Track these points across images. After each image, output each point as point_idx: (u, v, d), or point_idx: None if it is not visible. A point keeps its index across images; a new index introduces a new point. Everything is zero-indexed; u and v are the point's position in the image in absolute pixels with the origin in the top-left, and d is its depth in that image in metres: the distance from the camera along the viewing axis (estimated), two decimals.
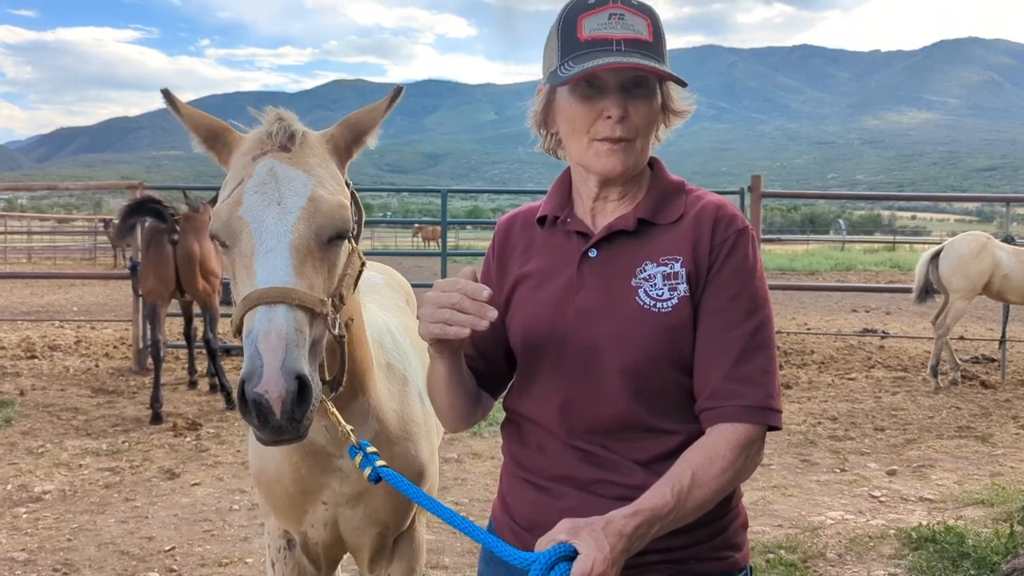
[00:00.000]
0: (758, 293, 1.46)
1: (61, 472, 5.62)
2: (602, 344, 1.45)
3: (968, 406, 7.88)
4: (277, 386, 1.38)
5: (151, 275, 7.23)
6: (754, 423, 1.39)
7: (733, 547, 1.52)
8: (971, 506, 5.12)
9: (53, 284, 19.02)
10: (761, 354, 1.43)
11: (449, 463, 5.89)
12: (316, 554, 2.18)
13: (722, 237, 1.46)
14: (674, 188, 1.56)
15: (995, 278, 8.45)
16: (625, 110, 1.44)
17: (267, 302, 1.46)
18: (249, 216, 1.56)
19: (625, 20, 1.43)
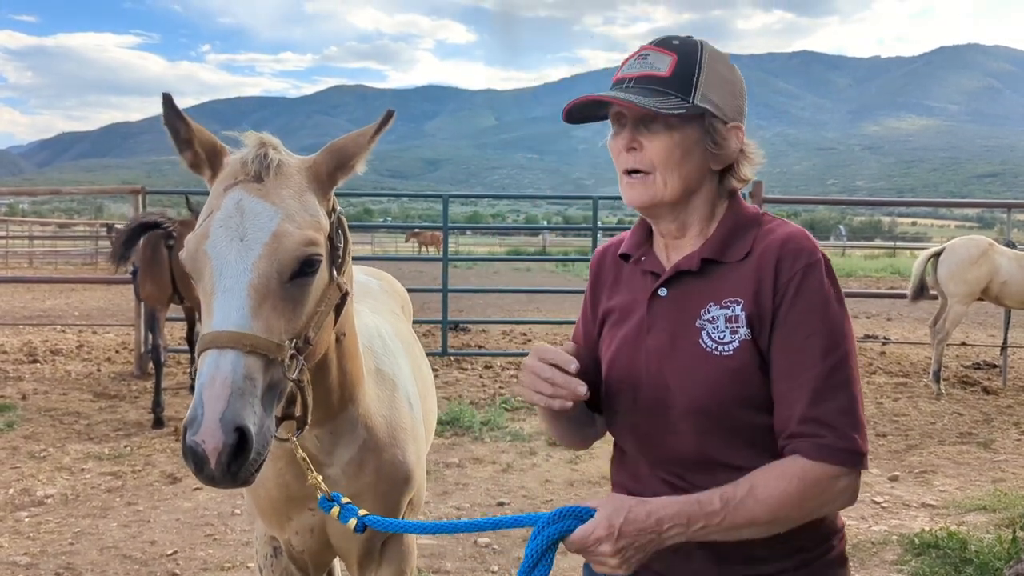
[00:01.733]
0: (834, 329, 1.42)
1: (63, 476, 5.62)
2: (671, 384, 1.48)
3: (970, 412, 7.88)
4: (214, 438, 1.36)
5: (148, 280, 7.24)
6: (832, 463, 1.37)
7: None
8: (973, 512, 5.12)
9: (55, 289, 19.03)
10: (840, 394, 1.39)
11: (451, 468, 5.89)
12: (303, 561, 2.18)
13: (787, 276, 1.43)
14: (747, 222, 1.53)
15: (994, 284, 8.44)
16: (636, 141, 1.48)
17: (218, 346, 1.43)
18: (212, 251, 1.53)
19: (648, 59, 1.50)
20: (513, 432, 6.80)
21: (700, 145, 1.49)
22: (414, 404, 2.24)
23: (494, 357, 10.25)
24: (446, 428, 6.82)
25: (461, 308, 15.63)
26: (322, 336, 1.69)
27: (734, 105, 1.51)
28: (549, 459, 6.18)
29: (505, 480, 5.70)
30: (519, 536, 4.68)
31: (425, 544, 4.55)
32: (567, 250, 35.74)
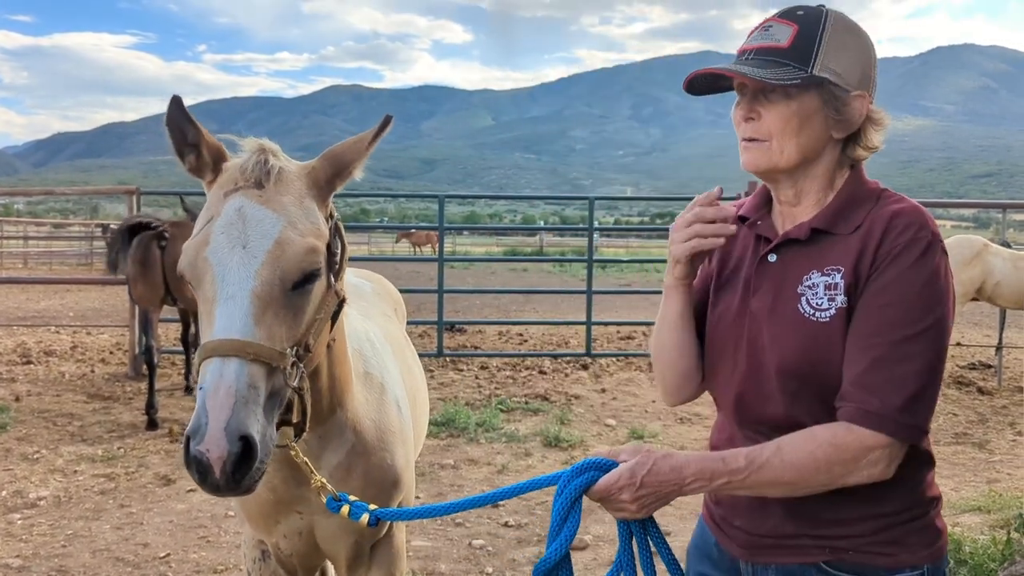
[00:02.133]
0: (919, 303, 1.40)
1: (56, 478, 5.59)
2: (767, 346, 1.52)
3: (965, 412, 7.88)
4: (219, 447, 1.36)
5: (140, 282, 7.22)
6: (872, 429, 1.38)
7: (903, 545, 1.49)
8: (968, 513, 5.12)
9: (49, 289, 18.97)
10: (903, 365, 1.39)
11: (446, 469, 5.88)
12: (291, 564, 2.17)
13: (889, 246, 1.43)
14: (865, 195, 1.53)
15: (987, 284, 8.45)
16: (754, 111, 1.52)
17: (221, 354, 1.43)
18: (214, 258, 1.52)
19: (770, 31, 1.52)
20: (508, 433, 6.79)
21: (820, 113, 1.50)
22: (403, 407, 2.23)
23: (490, 358, 10.24)
24: (441, 429, 6.81)
25: (458, 309, 15.61)
26: (320, 343, 1.69)
27: (859, 73, 1.51)
28: (544, 460, 6.17)
29: (500, 481, 5.68)
30: (513, 538, 4.68)
31: (420, 546, 4.54)
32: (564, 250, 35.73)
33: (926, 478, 1.55)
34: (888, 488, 1.47)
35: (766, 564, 1.57)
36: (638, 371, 9.60)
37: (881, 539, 1.49)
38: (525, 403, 7.91)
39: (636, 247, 40.81)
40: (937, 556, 1.53)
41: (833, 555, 1.50)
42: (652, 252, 32.15)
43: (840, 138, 1.53)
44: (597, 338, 11.67)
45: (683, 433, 7.06)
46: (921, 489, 1.54)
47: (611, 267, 26.33)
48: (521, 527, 4.82)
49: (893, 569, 1.49)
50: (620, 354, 10.59)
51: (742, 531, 1.60)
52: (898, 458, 1.43)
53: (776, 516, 1.54)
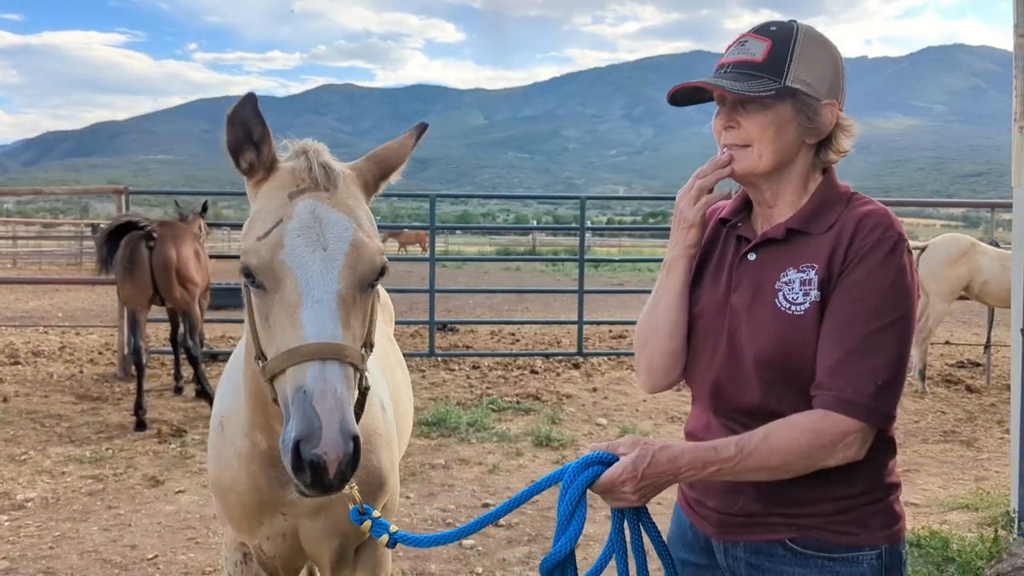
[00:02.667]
0: (887, 299, 1.51)
1: (44, 479, 5.56)
2: (745, 339, 1.63)
3: (953, 411, 7.92)
4: (336, 449, 1.38)
5: (128, 282, 7.16)
6: (848, 415, 1.50)
7: (862, 525, 1.60)
8: (956, 511, 5.14)
9: (38, 289, 18.86)
10: (873, 356, 1.50)
11: (436, 469, 5.87)
12: (274, 567, 2.15)
13: (859, 244, 1.55)
14: (836, 198, 1.65)
15: (975, 283, 8.50)
16: (734, 120, 1.63)
17: (321, 358, 1.45)
18: (293, 261, 1.52)
19: (746, 46, 1.64)
20: (499, 433, 6.79)
21: (794, 121, 1.61)
22: (387, 408, 2.22)
23: (481, 357, 10.23)
24: (432, 429, 6.80)
25: (450, 308, 15.60)
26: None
27: (829, 83, 1.63)
28: (535, 460, 6.17)
29: (491, 481, 5.68)
30: (504, 538, 4.67)
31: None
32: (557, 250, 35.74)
33: (888, 464, 1.65)
34: (853, 471, 1.57)
35: (736, 542, 1.68)
36: (629, 370, 9.60)
37: (843, 519, 1.60)
38: (516, 403, 7.90)
39: (628, 246, 40.85)
40: (895, 539, 1.63)
41: (798, 532, 1.61)
42: (644, 251, 32.17)
43: (812, 144, 1.65)
44: (589, 337, 11.68)
45: (673, 432, 7.07)
46: (883, 474, 1.64)
47: (603, 266, 26.33)
48: (511, 527, 4.81)
49: (853, 547, 1.60)
50: (612, 353, 10.60)
51: (715, 512, 1.71)
52: (868, 441, 1.54)
53: (746, 496, 1.64)
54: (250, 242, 1.57)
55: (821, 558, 1.60)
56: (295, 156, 1.67)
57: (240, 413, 1.97)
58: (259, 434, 1.91)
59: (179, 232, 7.49)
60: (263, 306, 1.56)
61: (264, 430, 1.90)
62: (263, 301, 1.56)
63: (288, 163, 1.66)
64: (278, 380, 1.51)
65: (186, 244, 7.46)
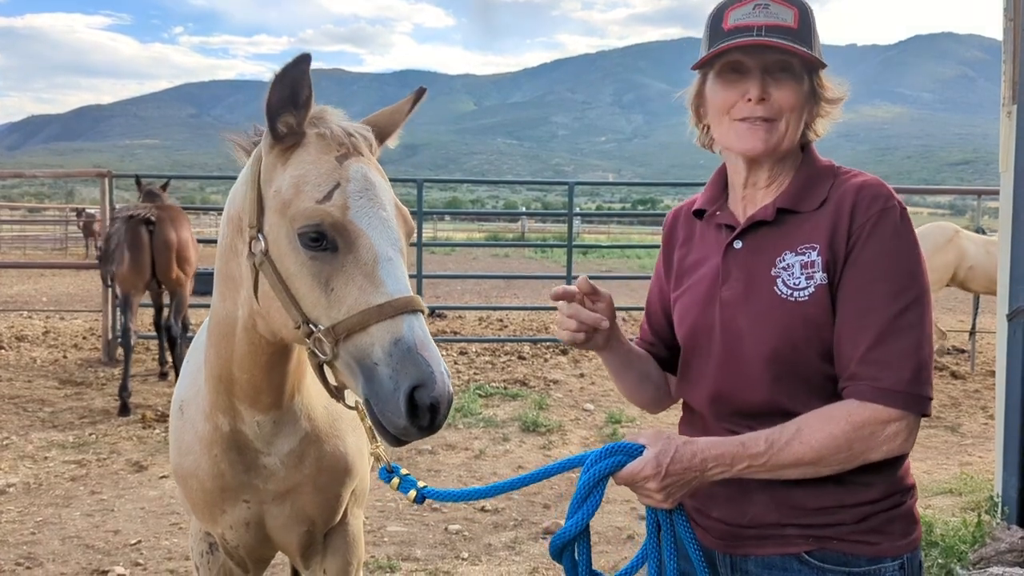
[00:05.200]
0: (905, 272, 1.43)
1: (26, 465, 5.51)
2: (745, 333, 1.51)
3: (938, 396, 7.97)
4: (447, 390, 1.46)
5: (128, 264, 7.14)
6: (886, 405, 1.39)
7: (885, 534, 1.49)
8: (940, 495, 5.17)
9: (23, 274, 18.69)
10: (904, 337, 1.40)
11: (423, 454, 5.86)
12: (239, 556, 2.11)
13: (862, 219, 1.45)
14: (821, 173, 1.56)
15: (960, 269, 8.55)
16: (766, 92, 1.49)
17: (411, 310, 1.50)
18: (363, 222, 1.56)
19: (770, 9, 1.50)
20: (486, 419, 6.78)
21: (810, 97, 1.54)
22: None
23: (469, 343, 10.21)
24: None
25: (438, 294, 15.56)
26: None
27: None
28: (522, 445, 6.17)
29: (478, 466, 5.67)
30: (489, 523, 4.67)
31: (395, 531, 4.52)
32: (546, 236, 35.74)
33: (905, 463, 1.54)
34: (871, 475, 1.46)
35: (745, 555, 1.54)
36: None
37: (864, 527, 1.48)
38: (504, 388, 7.89)
39: (617, 233, 40.84)
40: (914, 546, 1.52)
41: (816, 544, 1.48)
42: (633, 238, 32.17)
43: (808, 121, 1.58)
44: None
45: (660, 418, 7.08)
46: (900, 476, 1.53)
47: (592, 253, 26.31)
48: (498, 512, 4.81)
49: (875, 559, 1.48)
50: None
51: (720, 522, 1.57)
52: (916, 430, 1.43)
53: (758, 506, 1.50)
54: (309, 205, 1.55)
55: (840, 572, 1.47)
56: (312, 122, 1.66)
57: (200, 395, 1.93)
58: (221, 416, 1.87)
59: (176, 214, 7.53)
60: (323, 269, 1.54)
61: (227, 412, 1.86)
62: (325, 264, 1.54)
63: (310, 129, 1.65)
64: (355, 338, 1.49)
65: (184, 226, 7.52)
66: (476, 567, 4.14)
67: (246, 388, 1.82)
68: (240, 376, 1.80)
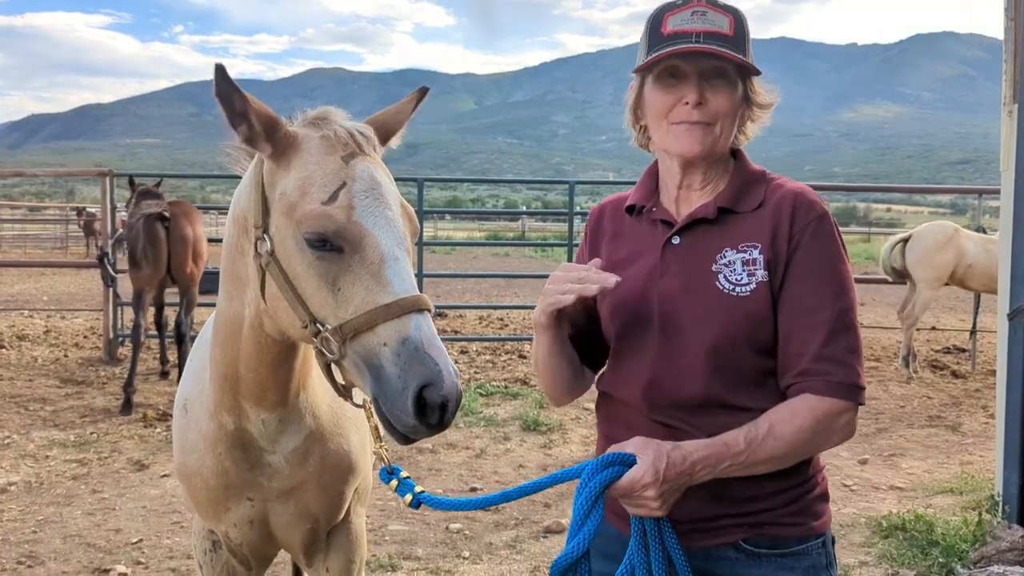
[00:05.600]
0: (843, 277, 1.54)
1: (27, 463, 5.52)
2: (685, 326, 1.56)
3: (939, 396, 7.97)
4: (456, 389, 1.46)
5: (145, 261, 7.18)
6: (840, 398, 1.49)
7: (808, 514, 1.60)
8: (941, 494, 5.18)
9: (23, 273, 18.69)
10: (848, 335, 1.51)
11: (424, 453, 5.86)
12: (243, 554, 2.12)
13: (802, 224, 1.54)
14: (755, 177, 1.64)
15: (959, 267, 8.57)
16: (703, 96, 1.55)
17: (418, 309, 1.50)
18: (368, 222, 1.56)
19: (707, 16, 1.56)
20: (487, 418, 6.78)
21: (743, 102, 1.62)
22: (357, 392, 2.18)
23: (470, 342, 10.22)
24: None
25: (439, 293, 15.56)
26: None
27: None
28: (523, 444, 6.17)
29: (479, 465, 5.68)
30: (490, 522, 4.67)
31: (397, 530, 4.52)
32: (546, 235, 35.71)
33: None
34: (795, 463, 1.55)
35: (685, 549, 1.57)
36: None
37: (794, 509, 1.58)
38: (504, 387, 7.90)
39: None
40: (829, 522, 1.65)
41: (751, 531, 1.56)
42: None
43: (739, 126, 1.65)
44: None
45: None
46: (816, 459, 1.63)
47: None
48: (498, 511, 4.81)
49: (804, 539, 1.58)
50: None
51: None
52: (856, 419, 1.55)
53: (695, 501, 1.54)
54: (315, 207, 1.55)
55: (774, 555, 1.56)
56: (316, 123, 1.66)
57: (205, 394, 1.93)
58: (225, 415, 1.87)
59: (190, 210, 7.57)
60: (330, 269, 1.55)
61: (231, 410, 1.86)
62: (332, 264, 1.55)
63: (312, 131, 1.65)
64: (362, 338, 1.50)
65: (197, 222, 7.59)
66: (477, 566, 4.14)
67: (252, 386, 1.82)
68: (246, 375, 1.81)
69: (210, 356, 1.90)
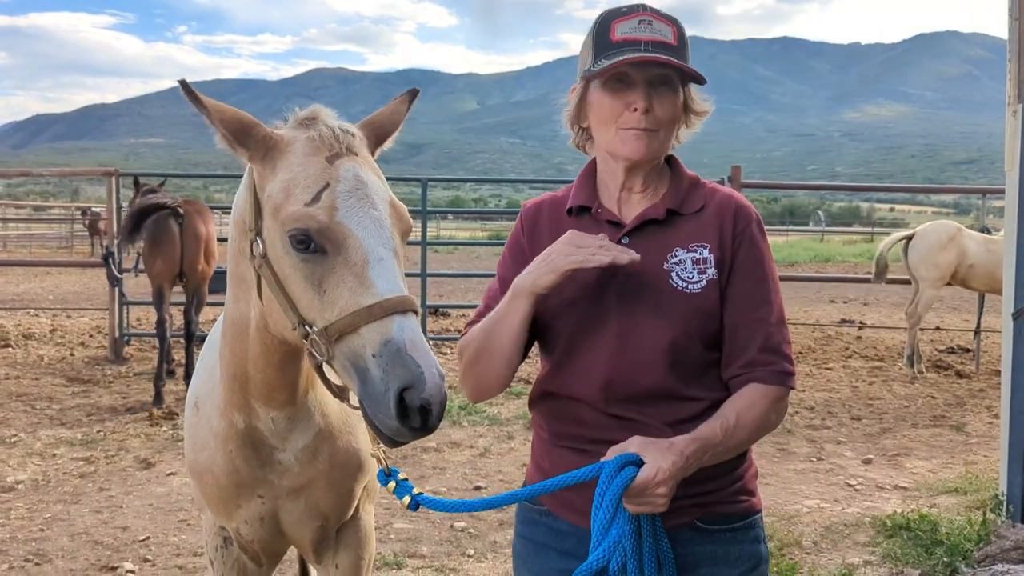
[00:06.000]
0: (775, 276, 1.69)
1: (34, 462, 5.54)
2: (641, 322, 1.62)
3: (943, 395, 7.97)
4: (439, 391, 1.44)
5: (159, 258, 7.23)
6: (781, 385, 1.63)
7: (749, 493, 1.72)
8: (945, 494, 5.18)
9: (29, 272, 18.75)
10: (784, 328, 1.67)
11: (428, 452, 5.88)
12: (254, 551, 2.13)
13: (743, 226, 1.66)
14: (692, 182, 1.74)
15: (961, 267, 8.57)
16: (650, 103, 1.61)
17: (402, 311, 1.49)
18: (352, 222, 1.55)
19: (653, 26, 1.62)
20: (491, 416, 6.80)
21: (683, 110, 1.69)
22: None
23: None
24: None
25: (442, 292, 15.58)
26: None
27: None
28: (527, 443, 6.18)
29: (483, 464, 5.69)
30: (495, 520, 4.69)
31: (401, 528, 4.54)
32: None
33: None
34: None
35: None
36: None
37: (739, 488, 1.69)
38: (509, 386, 7.90)
39: None
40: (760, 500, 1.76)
41: (704, 511, 1.65)
42: None
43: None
44: None
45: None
46: None
47: None
48: (503, 509, 4.82)
49: (749, 513, 1.71)
50: None
51: None
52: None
53: None
54: (298, 208, 1.55)
55: (725, 531, 1.66)
56: (305, 123, 1.67)
57: (215, 392, 1.95)
58: (236, 413, 1.89)
59: (202, 208, 7.62)
60: (317, 272, 1.54)
61: (241, 409, 1.88)
62: (318, 266, 1.54)
63: (299, 132, 1.66)
64: (346, 340, 1.49)
65: (209, 221, 7.64)
66: (482, 564, 4.16)
67: (260, 386, 1.83)
68: (255, 374, 1.82)
69: (219, 355, 1.91)
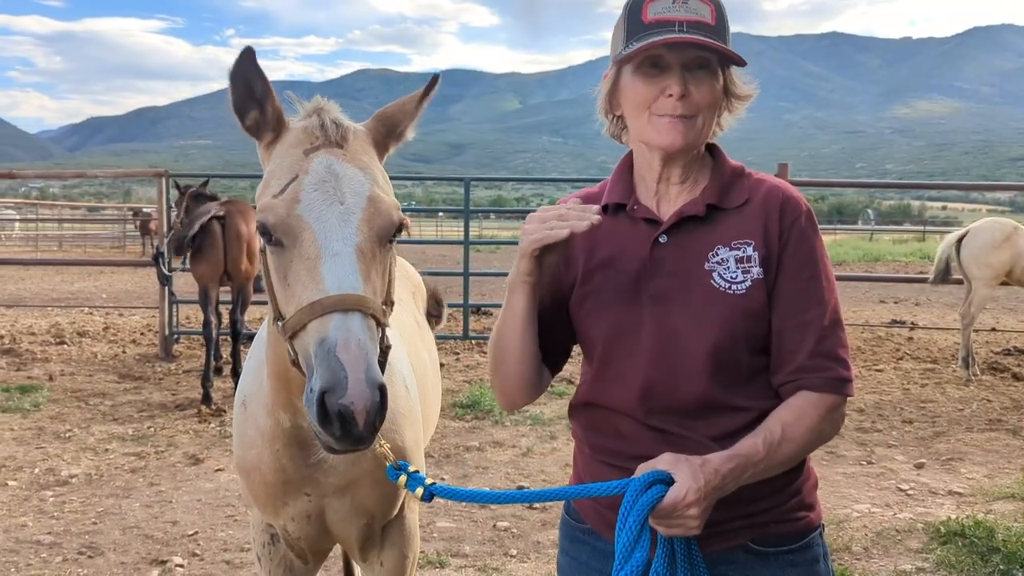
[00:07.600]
0: (830, 273, 1.54)
1: (87, 456, 5.69)
2: (681, 327, 1.50)
3: (999, 399, 7.72)
4: (363, 397, 1.34)
5: (203, 258, 7.38)
6: (836, 392, 1.49)
7: (808, 507, 1.60)
8: (1001, 500, 5.02)
9: (83, 271, 19.29)
10: (839, 331, 1.52)
11: (471, 451, 5.89)
12: (300, 548, 2.13)
13: (790, 220, 1.52)
14: (735, 173, 1.60)
15: (1017, 267, 8.30)
16: (686, 88, 1.49)
17: (342, 309, 1.41)
18: (310, 215, 1.50)
19: (689, 4, 1.49)
20: (533, 416, 6.78)
21: (723, 94, 1.56)
22: (411, 388, 2.19)
23: None
24: (467, 411, 6.82)
25: (484, 292, 15.62)
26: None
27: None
28: (569, 443, 6.14)
29: (525, 464, 5.68)
30: (538, 520, 4.67)
31: (444, 527, 4.55)
32: None
33: None
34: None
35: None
36: None
37: (794, 505, 1.57)
38: (550, 386, 7.87)
39: None
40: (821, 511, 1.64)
41: (758, 531, 1.54)
42: None
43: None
44: None
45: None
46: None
47: None
48: (546, 509, 4.81)
49: (806, 532, 1.58)
50: None
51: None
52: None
53: None
54: (266, 200, 1.55)
55: (781, 553, 1.54)
56: (307, 116, 1.66)
57: (262, 391, 1.96)
58: (282, 412, 1.89)
59: (245, 208, 7.74)
60: (281, 264, 1.53)
61: (287, 408, 1.88)
62: (281, 259, 1.53)
63: (300, 122, 1.65)
64: (299, 337, 1.46)
65: (252, 220, 7.71)
66: (524, 564, 4.15)
67: (302, 385, 1.84)
68: (295, 374, 1.83)
69: (265, 354, 1.93)
